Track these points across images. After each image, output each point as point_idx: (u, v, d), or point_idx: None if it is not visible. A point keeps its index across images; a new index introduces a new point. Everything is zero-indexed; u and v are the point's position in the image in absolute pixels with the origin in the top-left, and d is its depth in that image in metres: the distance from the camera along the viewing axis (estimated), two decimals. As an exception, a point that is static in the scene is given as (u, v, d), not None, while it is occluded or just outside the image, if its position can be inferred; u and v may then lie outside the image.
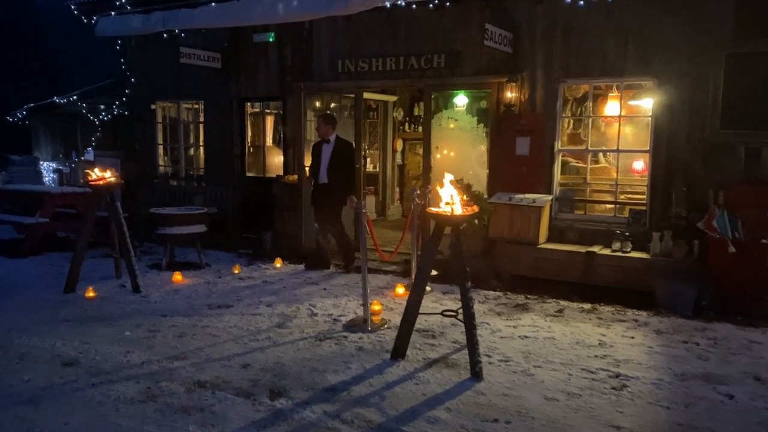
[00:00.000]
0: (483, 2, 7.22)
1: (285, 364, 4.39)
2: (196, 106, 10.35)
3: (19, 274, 7.01)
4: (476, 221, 6.80)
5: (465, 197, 4.43)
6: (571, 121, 7.45)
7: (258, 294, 6.27)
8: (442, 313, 4.77)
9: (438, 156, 7.90)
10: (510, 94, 7.22)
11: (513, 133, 7.24)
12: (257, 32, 9.00)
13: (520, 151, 7.21)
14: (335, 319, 5.43)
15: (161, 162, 10.59)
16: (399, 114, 11.50)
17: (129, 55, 10.49)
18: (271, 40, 8.93)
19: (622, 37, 6.55)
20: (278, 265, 7.57)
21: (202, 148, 10.19)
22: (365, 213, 5.37)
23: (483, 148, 7.60)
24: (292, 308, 5.77)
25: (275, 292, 6.37)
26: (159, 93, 10.23)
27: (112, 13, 9.40)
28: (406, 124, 11.52)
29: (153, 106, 10.34)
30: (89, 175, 6.21)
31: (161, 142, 10.53)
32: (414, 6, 7.58)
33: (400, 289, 6.30)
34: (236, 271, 7.20)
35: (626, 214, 6.85)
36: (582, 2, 6.60)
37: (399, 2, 7.27)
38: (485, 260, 6.99)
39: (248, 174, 9.67)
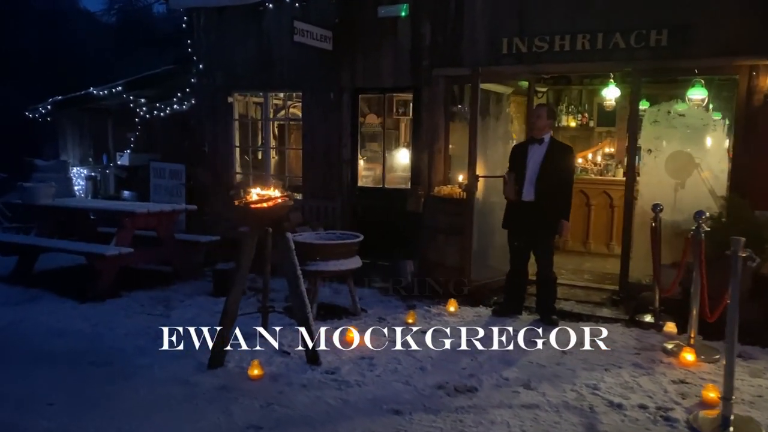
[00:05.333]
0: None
1: None
2: (291, 102, 8.38)
3: (112, 333, 4.93)
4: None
5: None
6: None
7: (486, 365, 4.34)
8: None
9: (650, 162, 6.07)
10: (773, 81, 5.45)
11: (775, 133, 5.48)
12: (383, 4, 7.08)
13: (785, 156, 5.46)
14: (664, 416, 3.55)
15: (238, 168, 8.56)
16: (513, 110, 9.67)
17: (198, 35, 8.42)
18: (403, 14, 7.00)
19: None
20: (452, 309, 5.66)
21: (298, 152, 8.20)
22: (747, 260, 3.48)
23: (722, 151, 5.82)
24: (568, 393, 3.87)
25: (504, 359, 4.45)
26: (239, 82, 8.20)
27: (194, -22, 7.37)
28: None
29: (230, 99, 8.31)
30: (247, 195, 4.22)
31: (238, 144, 8.50)
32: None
33: (689, 355, 4.44)
34: (410, 321, 5.26)
35: None
36: None
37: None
38: (755, 305, 5.18)
39: (360, 184, 7.71)
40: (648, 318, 5.57)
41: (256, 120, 8.73)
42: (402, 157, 7.84)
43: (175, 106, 9.58)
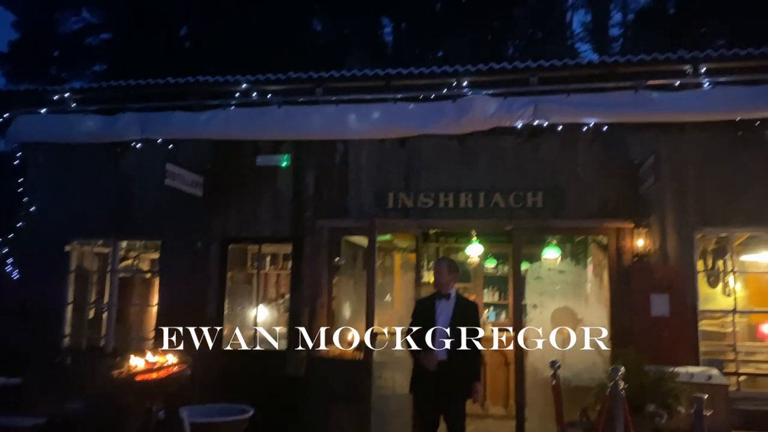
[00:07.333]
0: (593, 133, 6.10)
1: None
2: (134, 252, 7.37)
3: None
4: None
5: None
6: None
7: None
8: None
9: (537, 317, 6.13)
10: (638, 243, 5.97)
11: (646, 290, 5.90)
12: (262, 153, 6.77)
13: (657, 311, 5.85)
14: None
15: (68, 330, 7.08)
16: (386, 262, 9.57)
17: (33, 173, 7.24)
18: (284, 165, 6.73)
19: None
20: (355, 495, 4.81)
21: (145, 309, 7.09)
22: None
23: (600, 306, 6.08)
24: None
25: None
26: (83, 229, 7.03)
27: (42, 110, 6.44)
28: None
29: (67, 247, 7.07)
30: (129, 365, 3.25)
31: (71, 300, 7.12)
32: (503, 135, 6.22)
33: None
34: None
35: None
36: (721, 139, 5.88)
37: (519, 124, 5.86)
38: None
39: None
40: (560, 484, 5.24)
41: (93, 272, 7.49)
42: (277, 313, 7.13)
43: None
